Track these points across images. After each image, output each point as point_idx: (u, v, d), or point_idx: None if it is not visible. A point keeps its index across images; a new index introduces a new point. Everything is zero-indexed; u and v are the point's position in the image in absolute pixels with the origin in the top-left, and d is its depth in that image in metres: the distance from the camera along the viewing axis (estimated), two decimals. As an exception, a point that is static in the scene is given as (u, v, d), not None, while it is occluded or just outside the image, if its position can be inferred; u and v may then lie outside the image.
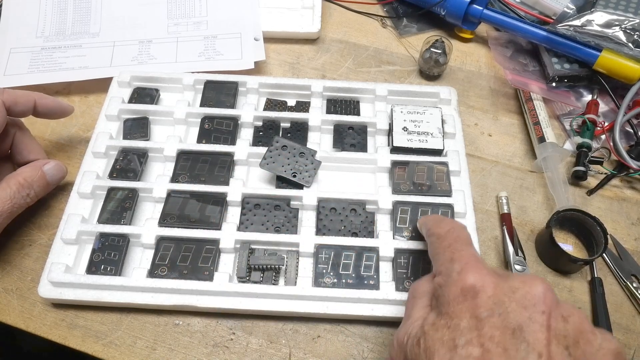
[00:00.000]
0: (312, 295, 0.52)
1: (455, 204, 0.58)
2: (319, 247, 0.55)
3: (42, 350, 0.83)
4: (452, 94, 0.69)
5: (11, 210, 0.53)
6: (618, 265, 0.59)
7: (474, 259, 0.40)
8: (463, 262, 0.39)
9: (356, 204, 0.58)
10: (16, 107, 0.56)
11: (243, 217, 0.58)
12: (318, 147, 0.62)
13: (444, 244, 0.43)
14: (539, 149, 0.65)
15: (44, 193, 0.57)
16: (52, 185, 0.58)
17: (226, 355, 0.52)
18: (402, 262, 0.54)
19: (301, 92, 0.69)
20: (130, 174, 0.60)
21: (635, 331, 0.55)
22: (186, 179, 0.60)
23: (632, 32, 0.68)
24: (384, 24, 0.83)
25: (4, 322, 0.53)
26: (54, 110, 0.60)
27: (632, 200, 0.64)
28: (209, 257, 0.54)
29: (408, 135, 0.63)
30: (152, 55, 0.73)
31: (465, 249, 0.41)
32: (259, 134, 0.65)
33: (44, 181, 0.57)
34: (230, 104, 0.67)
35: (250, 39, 0.75)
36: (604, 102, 0.71)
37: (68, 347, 0.52)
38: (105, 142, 0.62)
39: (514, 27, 0.73)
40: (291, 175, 0.59)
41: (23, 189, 0.54)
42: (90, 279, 0.52)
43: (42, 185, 0.56)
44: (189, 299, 0.52)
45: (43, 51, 0.73)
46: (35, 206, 0.58)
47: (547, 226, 0.57)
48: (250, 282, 0.54)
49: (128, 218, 0.57)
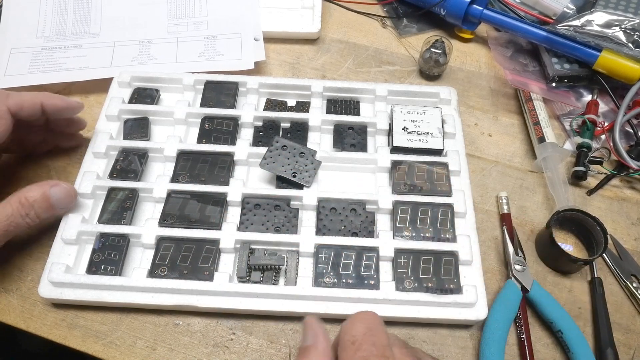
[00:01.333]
0: (312, 295, 0.51)
1: (455, 203, 0.57)
2: (319, 247, 0.54)
3: (42, 350, 0.83)
4: (452, 94, 0.67)
5: (7, 229, 0.50)
6: (618, 265, 0.58)
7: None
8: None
9: (356, 204, 0.57)
10: (22, 112, 0.54)
11: (243, 217, 0.57)
12: (318, 147, 0.61)
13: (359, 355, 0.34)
14: (539, 149, 0.64)
15: (47, 215, 0.53)
16: (58, 210, 0.54)
17: (226, 355, 0.51)
18: (402, 261, 0.53)
19: (301, 92, 0.68)
20: (131, 174, 0.59)
21: (635, 331, 0.54)
22: (186, 179, 0.59)
23: (632, 32, 0.67)
24: (384, 24, 0.82)
25: (4, 322, 0.53)
26: (63, 109, 0.58)
27: (632, 200, 0.63)
28: (209, 257, 0.54)
29: (408, 135, 0.62)
30: (152, 55, 0.72)
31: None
32: (259, 134, 0.64)
33: (47, 203, 0.52)
34: (230, 104, 0.66)
35: (250, 39, 0.73)
36: (604, 102, 0.70)
37: (68, 347, 0.51)
38: (106, 142, 0.61)
39: (514, 27, 0.72)
40: (291, 175, 0.58)
41: (23, 208, 0.50)
42: (91, 279, 0.51)
43: (45, 207, 0.52)
44: (189, 299, 0.51)
45: (43, 51, 0.72)
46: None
47: (547, 226, 0.56)
48: (251, 282, 0.53)
49: (128, 218, 0.56)
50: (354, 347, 0.35)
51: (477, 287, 0.52)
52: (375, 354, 0.34)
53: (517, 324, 0.53)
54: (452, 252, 0.54)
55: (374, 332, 0.35)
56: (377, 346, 0.34)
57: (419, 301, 0.51)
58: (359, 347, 0.34)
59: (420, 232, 0.55)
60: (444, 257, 0.54)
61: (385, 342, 0.35)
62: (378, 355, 0.34)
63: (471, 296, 0.51)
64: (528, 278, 0.54)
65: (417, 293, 0.51)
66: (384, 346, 0.35)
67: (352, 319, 0.37)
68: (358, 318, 0.37)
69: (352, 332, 0.36)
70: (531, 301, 0.54)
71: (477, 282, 0.53)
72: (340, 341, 0.36)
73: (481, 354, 0.50)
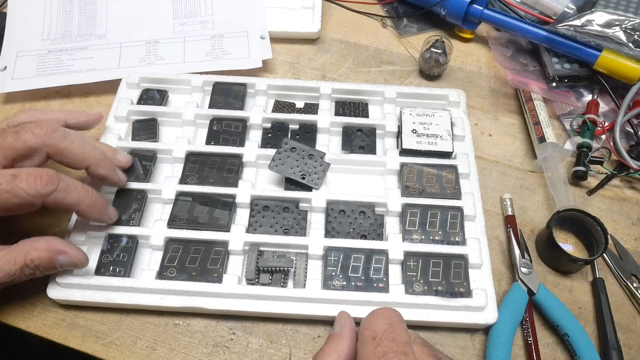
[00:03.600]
0: (321, 298, 0.49)
1: (464, 206, 0.55)
2: (328, 250, 0.52)
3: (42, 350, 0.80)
4: (461, 97, 0.65)
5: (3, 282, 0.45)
6: (618, 265, 0.56)
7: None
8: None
9: (365, 206, 0.55)
10: None
11: (252, 219, 0.54)
12: (327, 149, 0.58)
13: (379, 350, 0.34)
14: (539, 149, 0.62)
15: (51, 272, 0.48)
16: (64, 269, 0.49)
17: (226, 355, 0.49)
18: (412, 264, 0.51)
19: (309, 94, 0.65)
20: (139, 175, 0.56)
21: (636, 331, 0.52)
22: (195, 181, 0.56)
23: (633, 32, 0.64)
24: (384, 24, 0.79)
25: (4, 322, 0.51)
26: (85, 125, 0.54)
27: (633, 200, 0.61)
28: (217, 259, 0.51)
29: (417, 138, 0.59)
30: (159, 55, 0.68)
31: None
32: (268, 135, 0.61)
33: (53, 267, 0.46)
34: (238, 106, 0.63)
35: (257, 37, 0.70)
36: (604, 102, 0.67)
37: (68, 347, 0.49)
38: (114, 143, 0.58)
39: (514, 27, 0.69)
40: (300, 177, 0.55)
41: (27, 269, 0.45)
42: (99, 280, 0.49)
43: (49, 269, 0.46)
44: (197, 300, 0.49)
45: (50, 54, 0.68)
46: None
47: (547, 226, 0.54)
48: (259, 284, 0.50)
49: (137, 219, 0.53)
50: (375, 343, 0.34)
51: (487, 290, 0.49)
52: (396, 350, 0.33)
53: (524, 326, 0.51)
54: (461, 255, 0.51)
55: (394, 329, 0.34)
56: (398, 343, 0.33)
57: (428, 304, 0.49)
58: (379, 342, 0.34)
59: (430, 235, 0.53)
60: (453, 260, 0.51)
61: (406, 339, 0.34)
62: (398, 351, 0.33)
63: (481, 300, 0.48)
64: (534, 281, 0.52)
65: (427, 296, 0.49)
66: (404, 343, 0.34)
67: (373, 315, 0.36)
68: (379, 314, 0.36)
69: (373, 328, 0.35)
70: (537, 304, 0.51)
71: (487, 286, 0.51)
72: (360, 336, 0.35)
73: (487, 356, 0.48)
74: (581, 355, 0.48)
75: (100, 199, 0.49)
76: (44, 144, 0.46)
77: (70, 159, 0.48)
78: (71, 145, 0.48)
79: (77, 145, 0.48)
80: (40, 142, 0.46)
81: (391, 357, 0.32)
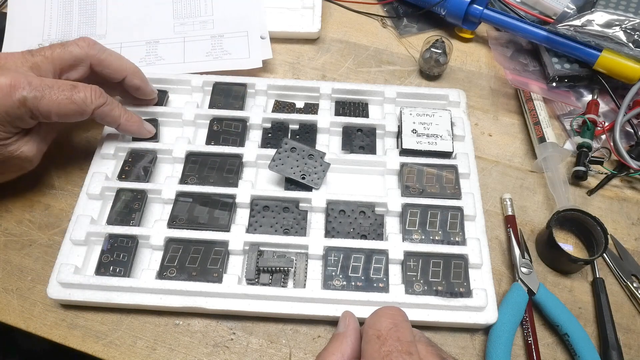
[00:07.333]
0: (321, 298, 0.49)
1: (464, 206, 0.54)
2: (328, 250, 0.51)
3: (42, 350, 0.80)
4: (461, 97, 0.64)
5: None
6: (618, 265, 0.55)
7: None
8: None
9: (365, 206, 0.54)
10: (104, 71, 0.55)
11: (252, 219, 0.54)
12: (327, 149, 0.58)
13: (383, 350, 0.33)
14: (539, 149, 0.61)
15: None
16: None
17: (226, 355, 0.49)
18: (412, 264, 0.51)
19: (309, 94, 0.65)
20: (140, 175, 0.56)
21: (636, 331, 0.52)
22: (195, 181, 0.56)
23: (633, 32, 0.64)
24: (384, 24, 0.78)
25: (4, 322, 0.50)
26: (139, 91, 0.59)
27: (633, 200, 0.61)
28: (217, 259, 0.51)
29: (417, 138, 0.58)
30: (159, 55, 0.68)
31: None
32: (268, 135, 0.61)
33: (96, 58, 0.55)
34: (238, 106, 0.62)
35: (257, 37, 0.70)
36: (604, 102, 0.67)
37: (68, 347, 0.49)
38: (114, 144, 0.58)
39: (514, 27, 0.69)
40: (300, 177, 0.55)
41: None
42: (99, 280, 0.49)
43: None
44: (197, 300, 0.49)
45: None
46: (35, 206, 0.57)
47: (547, 226, 0.54)
48: (259, 284, 0.50)
49: (137, 219, 0.53)
50: (379, 342, 0.34)
51: (487, 290, 0.49)
52: (400, 349, 0.33)
53: (524, 326, 0.50)
54: (461, 255, 0.51)
55: (399, 328, 0.34)
56: (402, 342, 0.33)
57: (428, 304, 0.48)
58: (383, 341, 0.33)
59: (430, 235, 0.53)
60: (453, 260, 0.51)
61: (410, 338, 0.34)
62: (402, 351, 0.33)
63: (481, 300, 0.48)
64: (534, 281, 0.52)
65: (427, 296, 0.48)
66: (409, 342, 0.33)
67: (377, 314, 0.36)
68: (384, 313, 0.36)
69: (377, 327, 0.35)
70: (537, 304, 0.51)
71: (487, 286, 0.50)
72: (364, 335, 0.35)
73: (487, 356, 0.48)
74: (581, 355, 0.48)
75: (137, 116, 0.57)
76: (87, 55, 0.54)
77: (110, 69, 0.55)
78: (110, 57, 0.55)
79: (115, 57, 0.56)
80: (84, 53, 0.53)
81: (395, 357, 0.32)
